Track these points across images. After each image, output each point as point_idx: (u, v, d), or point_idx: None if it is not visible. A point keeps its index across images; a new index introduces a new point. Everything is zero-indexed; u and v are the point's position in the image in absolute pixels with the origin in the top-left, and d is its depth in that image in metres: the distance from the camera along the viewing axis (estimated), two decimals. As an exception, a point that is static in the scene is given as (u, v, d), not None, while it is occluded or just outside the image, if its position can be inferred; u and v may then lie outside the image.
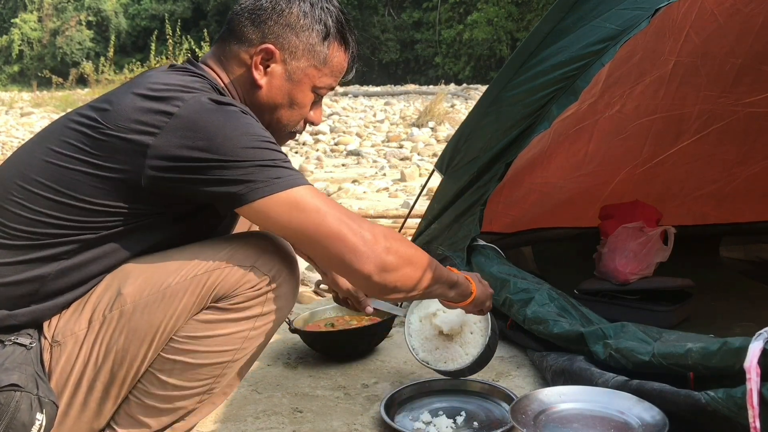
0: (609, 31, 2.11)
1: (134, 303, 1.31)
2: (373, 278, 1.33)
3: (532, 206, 2.85)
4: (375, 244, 1.32)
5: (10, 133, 11.26)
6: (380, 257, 1.32)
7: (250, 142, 1.28)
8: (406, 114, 12.53)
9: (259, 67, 1.45)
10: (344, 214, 1.32)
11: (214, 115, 1.28)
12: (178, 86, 1.32)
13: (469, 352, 1.88)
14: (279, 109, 1.49)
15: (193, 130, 1.26)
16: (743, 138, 3.02)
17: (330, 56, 1.49)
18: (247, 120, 1.31)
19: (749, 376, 1.35)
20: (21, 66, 32.67)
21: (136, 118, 1.27)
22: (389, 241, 1.34)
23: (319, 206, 1.30)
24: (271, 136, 1.33)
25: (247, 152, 1.27)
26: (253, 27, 1.45)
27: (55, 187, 1.29)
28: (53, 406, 1.28)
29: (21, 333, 1.30)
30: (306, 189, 1.30)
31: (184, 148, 1.26)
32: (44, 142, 1.35)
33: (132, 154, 1.27)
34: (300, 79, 1.47)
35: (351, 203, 5.39)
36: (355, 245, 1.30)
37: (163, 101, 1.28)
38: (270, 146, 1.31)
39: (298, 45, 1.45)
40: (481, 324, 1.91)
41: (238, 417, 1.83)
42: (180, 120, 1.27)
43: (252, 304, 1.37)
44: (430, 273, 1.45)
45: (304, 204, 1.29)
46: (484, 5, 25.51)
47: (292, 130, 1.55)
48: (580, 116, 2.58)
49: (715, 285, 2.77)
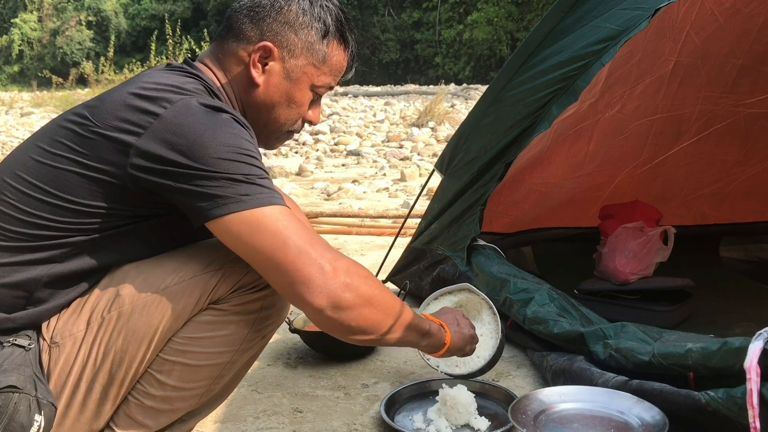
0: (609, 31, 2.11)
1: (133, 304, 1.30)
2: (325, 312, 1.25)
3: (532, 206, 2.85)
4: (333, 278, 1.24)
5: (10, 133, 11.26)
6: (335, 292, 1.24)
7: (226, 153, 1.24)
8: (406, 114, 12.53)
9: (257, 65, 1.43)
10: (307, 242, 1.24)
11: (199, 120, 1.25)
12: (169, 86, 1.30)
13: (481, 354, 1.88)
14: (277, 107, 1.47)
15: (174, 132, 1.24)
16: (744, 138, 3.02)
17: (329, 55, 1.47)
18: (232, 129, 1.27)
19: (749, 376, 1.35)
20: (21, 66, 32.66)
21: (122, 117, 1.26)
22: (351, 277, 1.26)
23: (281, 230, 1.23)
24: (253, 149, 1.29)
25: (221, 163, 1.23)
26: (252, 24, 1.43)
27: (46, 188, 1.28)
28: (52, 407, 1.28)
29: (19, 334, 1.30)
30: (273, 210, 1.25)
31: (163, 150, 1.23)
32: (38, 142, 1.34)
33: (116, 153, 1.26)
34: (298, 77, 1.45)
35: (351, 203, 5.40)
36: (309, 276, 1.23)
37: (150, 101, 1.27)
38: (248, 160, 1.26)
39: (297, 43, 1.43)
40: (491, 326, 1.91)
41: (238, 417, 1.83)
42: (164, 121, 1.25)
43: (250, 305, 1.36)
44: (396, 319, 1.37)
45: (265, 226, 1.23)
46: (484, 5, 25.50)
47: (290, 129, 1.52)
48: (580, 116, 2.58)
49: (715, 285, 2.77)
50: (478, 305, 1.97)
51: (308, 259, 1.23)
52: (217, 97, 1.39)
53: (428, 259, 2.61)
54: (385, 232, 4.20)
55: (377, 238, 4.13)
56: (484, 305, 1.96)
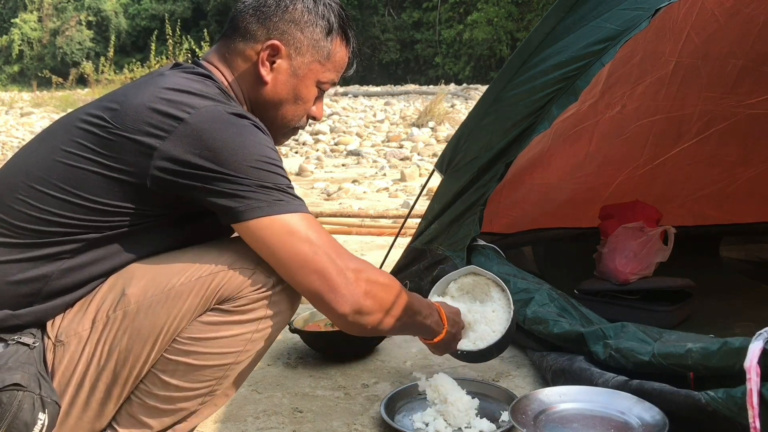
0: (609, 31, 2.11)
1: (138, 303, 1.31)
2: (348, 318, 1.37)
3: (532, 206, 2.85)
4: (356, 287, 1.34)
5: (10, 133, 11.27)
6: (358, 301, 1.35)
7: (257, 162, 1.29)
8: (406, 114, 12.52)
9: (265, 63, 1.47)
10: (333, 250, 1.33)
11: (226, 127, 1.29)
12: (190, 91, 1.33)
13: (496, 329, 1.85)
14: (284, 104, 1.51)
15: (201, 138, 1.27)
16: (744, 139, 3.02)
17: (333, 51, 1.52)
18: (256, 136, 1.32)
19: (749, 376, 1.35)
20: (21, 66, 32.64)
21: (145, 120, 1.28)
22: (371, 285, 1.37)
23: (312, 238, 1.31)
24: (278, 158, 1.35)
25: (253, 171, 1.28)
26: (258, 24, 1.46)
27: (62, 186, 1.29)
28: (55, 405, 1.28)
29: (24, 332, 1.30)
30: (303, 217, 1.32)
31: (190, 155, 1.27)
32: (51, 140, 1.35)
33: (138, 155, 1.28)
34: (305, 74, 1.50)
35: (351, 203, 5.40)
36: (337, 286, 1.33)
37: (173, 105, 1.29)
38: (277, 170, 1.32)
39: (303, 41, 1.48)
40: (502, 302, 1.90)
41: (238, 417, 1.83)
42: (189, 127, 1.27)
43: (256, 306, 1.37)
44: (403, 320, 1.49)
45: (297, 232, 1.30)
46: (484, 5, 25.48)
47: (295, 126, 1.57)
48: (580, 117, 2.58)
49: (715, 285, 2.77)
50: (485, 286, 1.95)
51: (335, 268, 1.32)
52: (229, 98, 1.41)
53: (428, 259, 2.61)
54: (385, 232, 4.20)
55: (377, 238, 4.13)
56: (491, 284, 1.94)
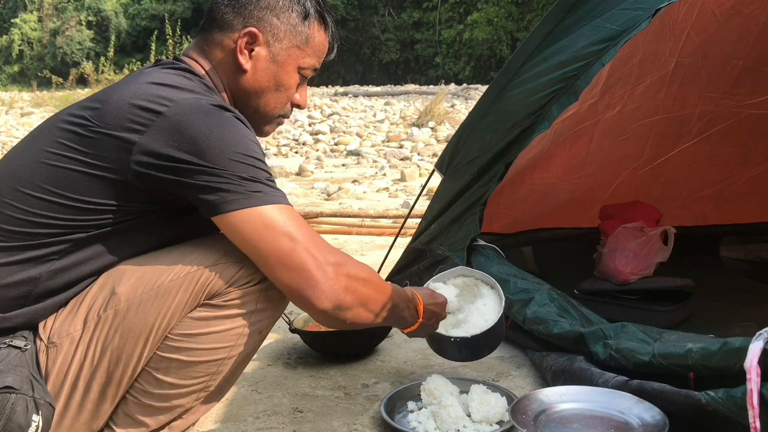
0: (609, 31, 2.11)
1: (128, 302, 1.31)
2: (328, 314, 1.34)
3: (532, 207, 2.85)
4: (336, 283, 1.32)
5: (10, 133, 11.26)
6: (338, 296, 1.33)
7: (236, 155, 1.28)
8: (406, 114, 12.52)
9: (243, 51, 1.46)
10: (312, 244, 1.31)
11: (205, 119, 1.28)
12: (168, 85, 1.33)
13: (488, 318, 1.85)
14: (266, 92, 1.50)
15: (180, 131, 1.26)
16: (745, 140, 3.02)
17: (311, 35, 1.52)
18: (237, 128, 1.31)
19: (749, 376, 1.35)
20: (21, 66, 32.64)
21: (125, 116, 1.28)
22: (350, 280, 1.35)
23: (291, 232, 1.29)
24: (259, 150, 1.33)
25: (232, 164, 1.27)
26: (234, 13, 1.47)
27: (47, 187, 1.29)
28: (49, 407, 1.28)
29: (16, 335, 1.30)
30: (282, 209, 1.30)
31: (169, 148, 1.26)
32: (35, 143, 1.35)
33: (119, 151, 1.28)
34: (284, 60, 1.49)
35: (351, 203, 5.40)
36: (316, 281, 1.30)
37: (152, 99, 1.29)
38: (257, 163, 1.30)
39: (280, 26, 1.48)
40: (493, 297, 1.90)
41: (238, 417, 1.83)
42: (168, 120, 1.27)
43: (245, 300, 1.37)
44: (387, 312, 1.47)
45: (276, 225, 1.28)
46: (484, 5, 25.50)
47: (280, 114, 1.56)
48: (580, 117, 2.58)
49: (715, 285, 2.77)
50: (474, 287, 1.95)
51: (315, 263, 1.30)
52: (212, 92, 1.41)
53: (428, 259, 2.60)
54: (385, 232, 4.20)
55: (377, 238, 4.13)
56: (479, 283, 1.94)
